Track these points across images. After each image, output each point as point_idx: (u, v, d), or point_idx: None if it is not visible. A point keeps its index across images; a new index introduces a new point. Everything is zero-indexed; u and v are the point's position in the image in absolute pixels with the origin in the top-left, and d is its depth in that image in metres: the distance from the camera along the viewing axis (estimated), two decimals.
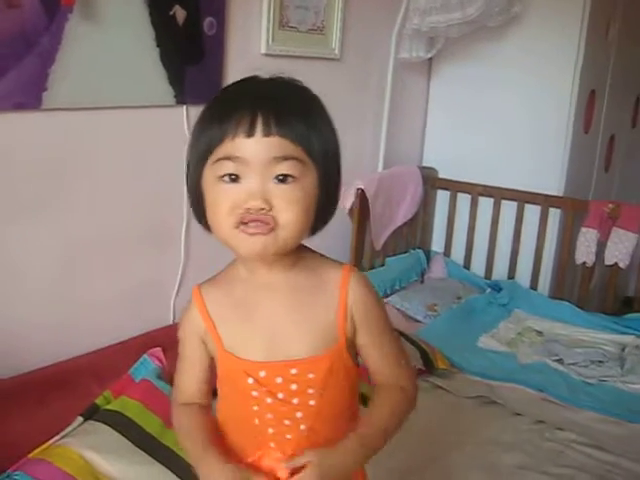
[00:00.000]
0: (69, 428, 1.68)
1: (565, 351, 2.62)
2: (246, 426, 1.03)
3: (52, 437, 1.65)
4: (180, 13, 2.03)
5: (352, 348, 1.04)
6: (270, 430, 1.01)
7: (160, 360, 1.94)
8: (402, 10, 2.89)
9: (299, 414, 0.99)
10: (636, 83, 3.99)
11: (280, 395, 0.99)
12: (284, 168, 0.91)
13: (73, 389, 1.79)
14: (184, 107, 2.10)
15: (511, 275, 3.23)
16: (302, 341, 0.99)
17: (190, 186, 1.00)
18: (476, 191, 3.26)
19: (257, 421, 1.01)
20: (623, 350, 2.64)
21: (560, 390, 2.31)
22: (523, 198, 3.15)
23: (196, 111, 2.09)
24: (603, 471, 1.89)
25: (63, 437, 1.66)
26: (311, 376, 0.99)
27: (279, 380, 0.99)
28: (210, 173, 0.94)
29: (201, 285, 1.09)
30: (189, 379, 1.10)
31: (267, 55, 2.37)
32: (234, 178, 0.92)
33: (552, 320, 2.91)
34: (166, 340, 2.06)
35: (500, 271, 3.27)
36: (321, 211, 0.98)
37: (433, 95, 3.41)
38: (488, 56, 3.21)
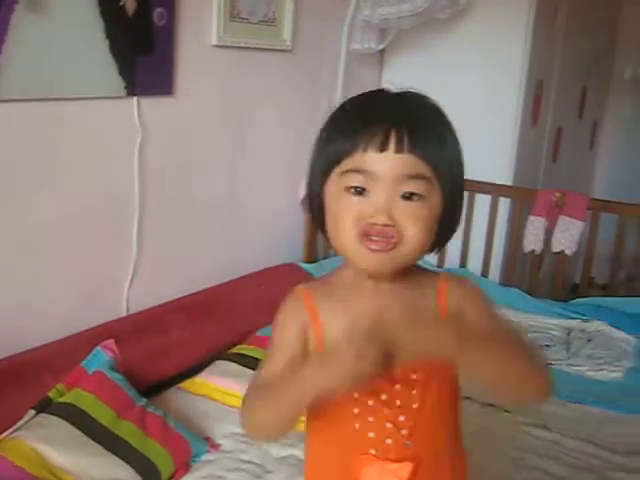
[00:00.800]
0: (21, 422, 1.68)
1: None
2: (344, 432, 1.01)
3: (4, 431, 1.64)
4: (130, 4, 2.02)
5: None
6: (370, 434, 0.99)
7: (113, 351, 1.94)
8: (353, 1, 2.92)
9: (402, 417, 0.98)
10: (582, 74, 4.09)
11: (383, 397, 0.98)
12: (412, 186, 0.93)
13: (26, 383, 1.78)
14: (135, 98, 2.10)
15: (463, 263, 3.29)
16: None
17: (312, 193, 1.01)
18: None
19: (357, 425, 0.99)
20: (569, 334, 2.72)
21: None
22: (474, 188, 3.20)
23: (147, 102, 2.13)
24: (549, 450, 1.96)
25: (15, 430, 1.65)
26: (415, 377, 0.98)
27: (382, 381, 0.97)
28: (336, 183, 0.95)
29: (307, 284, 1.08)
30: (277, 368, 1.02)
31: (218, 46, 2.37)
32: (360, 191, 0.93)
33: (502, 306, 2.95)
34: (119, 331, 2.07)
35: (452, 260, 3.33)
36: (442, 231, 1.00)
37: (385, 85, 3.44)
38: (439, 48, 3.25)
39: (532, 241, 3.03)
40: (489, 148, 3.22)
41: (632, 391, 2.29)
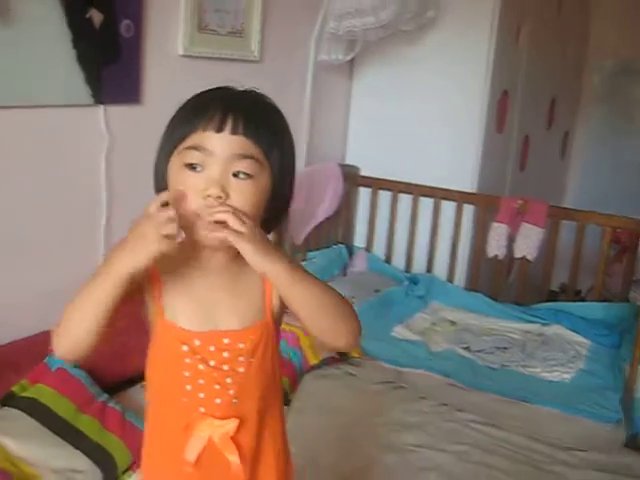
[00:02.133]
0: None
1: (474, 339, 2.79)
2: (177, 392, 1.09)
3: None
4: (96, 16, 2.10)
5: (278, 323, 1.16)
6: (201, 395, 1.09)
7: None
8: (320, 14, 3.00)
9: (228, 379, 1.09)
10: (550, 86, 4.20)
11: (212, 362, 1.08)
12: (242, 165, 1.02)
13: None
14: (102, 106, 2.18)
15: (429, 268, 3.38)
16: (235, 315, 1.09)
17: (157, 171, 1.10)
18: (396, 188, 3.40)
19: (189, 387, 1.08)
20: (526, 337, 2.81)
21: (464, 375, 2.46)
22: (440, 195, 3.30)
23: (115, 110, 2.21)
24: (494, 446, 2.05)
25: None
26: (241, 346, 1.09)
27: (212, 348, 1.08)
28: (177, 160, 1.04)
29: None
30: None
31: (185, 57, 2.45)
32: (195, 166, 1.02)
33: (466, 311, 3.07)
34: None
35: (420, 265, 3.42)
36: (272, 211, 1.09)
37: (355, 95, 3.54)
38: (406, 58, 3.35)
39: (495, 247, 3.12)
40: (454, 155, 3.32)
41: (579, 391, 2.38)
